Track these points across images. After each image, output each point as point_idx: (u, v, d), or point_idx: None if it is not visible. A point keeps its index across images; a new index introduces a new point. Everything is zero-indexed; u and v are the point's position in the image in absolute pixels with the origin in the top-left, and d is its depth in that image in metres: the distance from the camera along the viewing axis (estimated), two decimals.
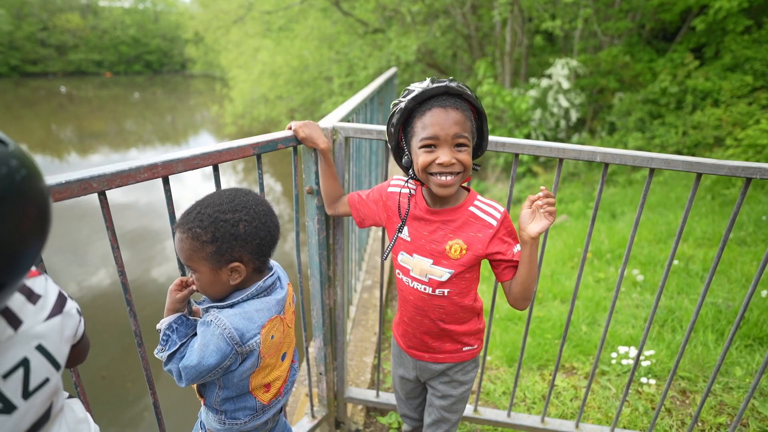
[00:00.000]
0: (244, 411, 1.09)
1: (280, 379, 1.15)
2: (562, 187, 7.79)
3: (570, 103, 8.34)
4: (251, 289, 1.03)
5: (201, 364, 0.96)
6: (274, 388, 1.13)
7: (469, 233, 1.18)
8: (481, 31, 11.03)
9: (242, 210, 0.98)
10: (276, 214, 1.08)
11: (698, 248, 3.94)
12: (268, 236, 1.03)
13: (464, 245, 1.18)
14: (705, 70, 7.61)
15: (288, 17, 14.04)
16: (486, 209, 1.20)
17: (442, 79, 1.11)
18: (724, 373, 2.32)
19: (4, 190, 0.47)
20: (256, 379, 1.08)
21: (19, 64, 37.83)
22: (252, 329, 1.00)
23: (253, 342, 1.00)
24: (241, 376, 1.04)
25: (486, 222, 1.18)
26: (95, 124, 21.35)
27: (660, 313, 2.86)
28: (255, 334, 1.01)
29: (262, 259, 1.04)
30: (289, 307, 1.14)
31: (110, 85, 37.00)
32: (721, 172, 1.31)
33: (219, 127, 19.40)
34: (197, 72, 37.49)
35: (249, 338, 0.99)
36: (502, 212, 1.20)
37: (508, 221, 1.21)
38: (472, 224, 1.19)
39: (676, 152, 6.96)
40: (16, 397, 0.61)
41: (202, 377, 0.98)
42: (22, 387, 0.61)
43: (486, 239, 1.17)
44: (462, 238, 1.18)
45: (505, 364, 2.52)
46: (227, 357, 0.97)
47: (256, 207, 1.01)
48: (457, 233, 1.19)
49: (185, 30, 20.22)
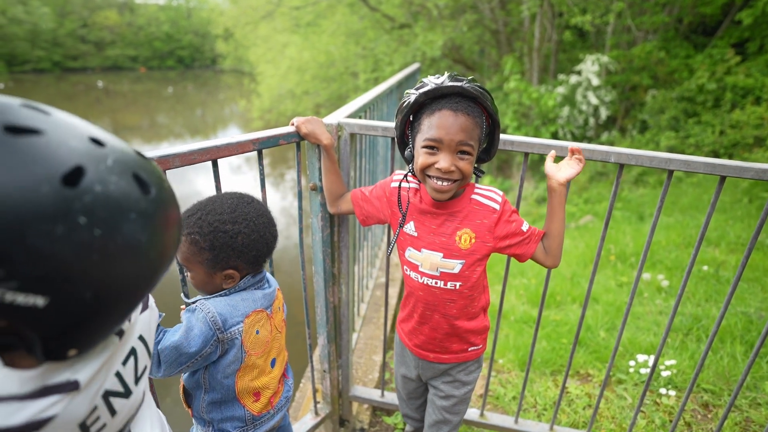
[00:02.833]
0: (232, 422, 1.08)
1: (270, 389, 1.13)
2: (589, 187, 7.57)
3: (600, 100, 8.08)
4: (239, 283, 1.06)
5: (182, 345, 0.96)
6: (264, 397, 1.12)
7: (476, 221, 1.18)
8: (509, 26, 10.79)
9: (242, 222, 1.00)
10: (275, 224, 1.10)
11: (731, 254, 3.75)
12: (264, 248, 1.05)
13: (473, 234, 1.18)
14: (747, 66, 7.22)
15: (316, 13, 14.11)
16: (487, 194, 1.21)
17: (461, 77, 1.07)
18: (752, 387, 2.19)
19: (157, 210, 0.48)
20: (243, 380, 1.07)
21: (61, 59, 39.45)
22: (235, 316, 1.02)
23: (235, 330, 1.01)
24: (225, 372, 1.03)
25: (489, 207, 1.19)
26: (129, 118, 22.09)
27: (685, 321, 2.73)
28: (238, 321, 1.02)
29: (257, 267, 1.07)
30: (278, 311, 1.14)
31: (144, 79, 38.17)
32: (746, 176, 1.22)
33: (247, 121, 19.74)
34: (227, 67, 38.21)
35: (231, 325, 1.01)
36: (502, 195, 1.21)
37: (509, 204, 1.22)
38: (476, 212, 1.19)
39: (712, 152, 6.65)
40: (132, 382, 0.64)
41: (180, 363, 0.98)
42: (134, 373, 0.65)
43: (492, 224, 1.18)
44: (470, 227, 1.18)
45: (517, 367, 2.46)
46: (209, 342, 0.98)
47: (256, 219, 1.03)
48: (464, 223, 1.18)
49: (215, 26, 20.61)
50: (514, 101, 9.03)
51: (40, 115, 0.43)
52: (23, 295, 0.39)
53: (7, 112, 0.40)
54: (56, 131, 0.42)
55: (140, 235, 0.46)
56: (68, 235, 0.40)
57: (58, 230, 0.39)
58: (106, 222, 0.42)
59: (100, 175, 0.43)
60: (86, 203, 0.41)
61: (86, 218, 0.41)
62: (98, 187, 0.42)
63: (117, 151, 0.47)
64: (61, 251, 0.40)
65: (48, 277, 0.40)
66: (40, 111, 0.44)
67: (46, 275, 0.40)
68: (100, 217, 0.42)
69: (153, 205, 0.48)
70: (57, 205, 0.39)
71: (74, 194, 0.40)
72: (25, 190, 0.38)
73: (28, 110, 0.42)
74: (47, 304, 0.41)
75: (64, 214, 0.39)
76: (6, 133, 0.39)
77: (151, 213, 0.47)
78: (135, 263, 0.46)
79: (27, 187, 0.38)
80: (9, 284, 0.38)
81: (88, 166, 0.42)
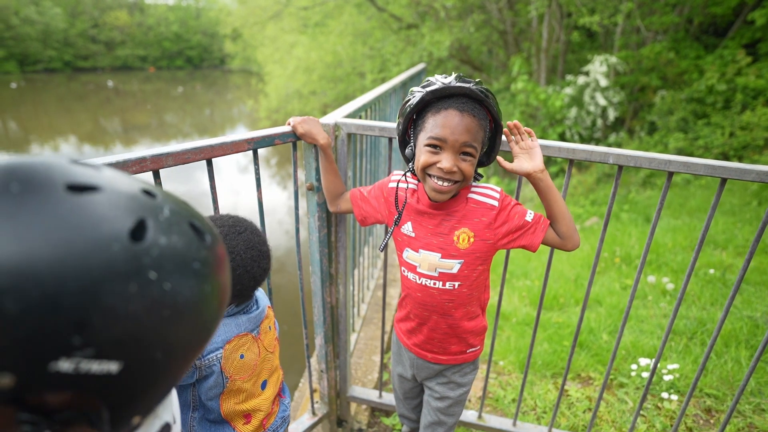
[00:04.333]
0: None
1: (263, 410, 1.09)
2: (596, 189, 7.51)
3: (608, 101, 8.01)
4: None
5: None
6: (255, 419, 1.08)
7: (474, 220, 1.17)
8: (517, 26, 10.74)
9: (229, 255, 0.95)
10: (268, 255, 1.04)
11: (738, 257, 3.70)
12: (251, 282, 1.00)
13: (471, 233, 1.16)
14: (758, 66, 7.12)
15: (324, 13, 14.15)
16: (485, 192, 1.19)
17: (468, 79, 1.07)
18: (756, 393, 2.16)
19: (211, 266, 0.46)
20: (228, 404, 1.03)
21: (72, 59, 39.94)
22: (213, 343, 0.97)
23: (212, 356, 0.97)
24: (208, 395, 1.01)
25: (488, 204, 1.17)
26: (139, 117, 22.30)
27: (690, 325, 2.70)
28: (216, 348, 0.98)
29: (242, 299, 1.03)
30: (268, 331, 1.10)
31: (153, 79, 38.51)
32: (747, 178, 1.20)
33: (254, 121, 19.85)
34: (235, 67, 38.45)
35: (208, 351, 0.97)
36: (500, 190, 1.19)
37: (509, 198, 1.20)
38: (474, 210, 1.17)
39: (722, 154, 6.56)
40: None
41: None
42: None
43: (491, 220, 1.16)
44: (468, 226, 1.16)
45: (518, 369, 2.44)
46: None
47: (244, 253, 0.98)
48: (462, 222, 1.17)
49: (224, 26, 20.75)
50: (522, 102, 8.98)
51: (93, 171, 0.42)
52: (98, 362, 0.37)
53: (65, 170, 0.39)
54: (111, 186, 0.41)
55: (205, 284, 0.45)
56: (141, 293, 0.38)
57: (131, 288, 0.38)
58: (174, 275, 0.41)
59: (162, 228, 0.42)
60: (154, 257, 0.40)
61: (156, 273, 0.39)
62: (163, 240, 0.41)
63: (170, 202, 0.46)
64: (135, 310, 0.38)
65: (124, 339, 0.38)
66: (91, 167, 0.43)
67: (122, 338, 0.38)
68: (168, 271, 0.41)
69: (211, 252, 0.46)
70: (129, 262, 0.38)
71: (143, 249, 0.39)
72: (98, 250, 0.36)
73: (81, 167, 0.41)
74: (121, 370, 0.38)
75: (136, 270, 0.38)
76: (69, 192, 0.37)
77: (211, 261, 0.46)
78: (202, 313, 0.45)
79: (99, 247, 0.36)
80: (85, 352, 0.36)
81: (149, 220, 0.41)
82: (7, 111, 21.83)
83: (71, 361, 0.35)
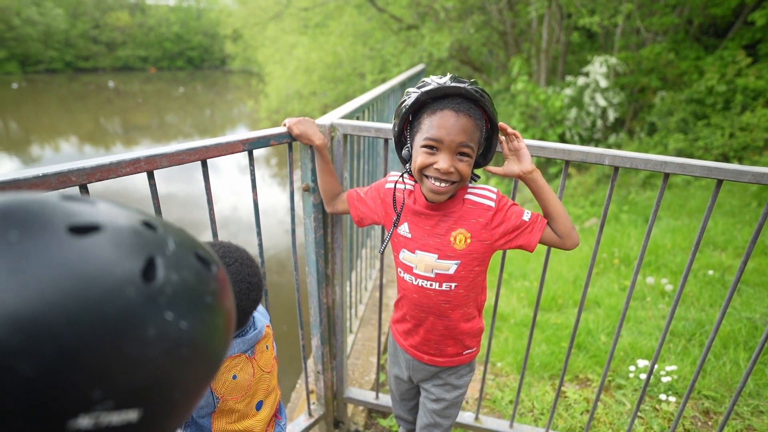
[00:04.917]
0: None
1: (257, 431, 1.07)
2: (595, 190, 7.50)
3: (608, 102, 8.01)
4: None
5: None
6: None
7: (470, 221, 1.16)
8: (517, 27, 10.74)
9: None
10: (259, 285, 1.00)
11: (737, 258, 3.69)
12: (241, 314, 0.98)
13: (468, 234, 1.16)
14: (758, 67, 7.11)
15: (324, 14, 14.16)
16: (481, 193, 1.18)
17: (463, 79, 1.06)
18: (754, 395, 2.15)
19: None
20: (220, 423, 1.02)
21: (73, 60, 39.98)
22: None
23: None
24: (198, 413, 1.00)
25: (484, 205, 1.17)
26: (139, 118, 22.32)
27: (689, 326, 2.69)
28: None
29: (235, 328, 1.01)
30: (264, 351, 1.08)
31: (154, 80, 38.54)
32: (743, 179, 1.20)
33: (255, 121, 19.85)
34: (236, 68, 38.48)
35: None
36: (496, 191, 1.19)
37: (505, 198, 1.20)
38: (471, 211, 1.17)
39: (722, 155, 6.55)
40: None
41: None
42: None
43: (488, 221, 1.16)
44: (464, 227, 1.16)
45: (515, 371, 2.44)
46: None
47: (233, 286, 0.92)
48: (459, 223, 1.16)
49: (224, 27, 20.76)
50: (522, 103, 8.98)
51: (90, 208, 0.38)
52: (117, 413, 0.34)
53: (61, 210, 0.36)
54: (112, 223, 0.38)
55: (216, 317, 0.43)
56: (160, 336, 0.36)
57: (150, 332, 0.35)
58: (188, 312, 0.39)
59: (170, 263, 0.39)
60: (169, 296, 0.37)
61: (173, 312, 0.37)
62: (174, 277, 0.39)
63: (171, 233, 0.43)
64: (155, 355, 0.36)
65: (144, 386, 0.36)
66: (87, 202, 0.39)
67: (142, 385, 0.35)
68: (183, 309, 0.38)
69: (218, 282, 0.44)
70: (145, 305, 0.35)
71: (156, 290, 0.37)
72: (112, 296, 0.33)
73: (77, 204, 0.38)
74: (141, 417, 0.36)
75: (153, 313, 0.36)
76: (71, 236, 0.34)
77: (219, 291, 0.44)
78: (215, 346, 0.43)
79: (113, 293, 0.34)
80: (105, 405, 0.33)
81: (157, 257, 0.38)
82: (9, 111, 21.86)
83: (91, 416, 0.33)
